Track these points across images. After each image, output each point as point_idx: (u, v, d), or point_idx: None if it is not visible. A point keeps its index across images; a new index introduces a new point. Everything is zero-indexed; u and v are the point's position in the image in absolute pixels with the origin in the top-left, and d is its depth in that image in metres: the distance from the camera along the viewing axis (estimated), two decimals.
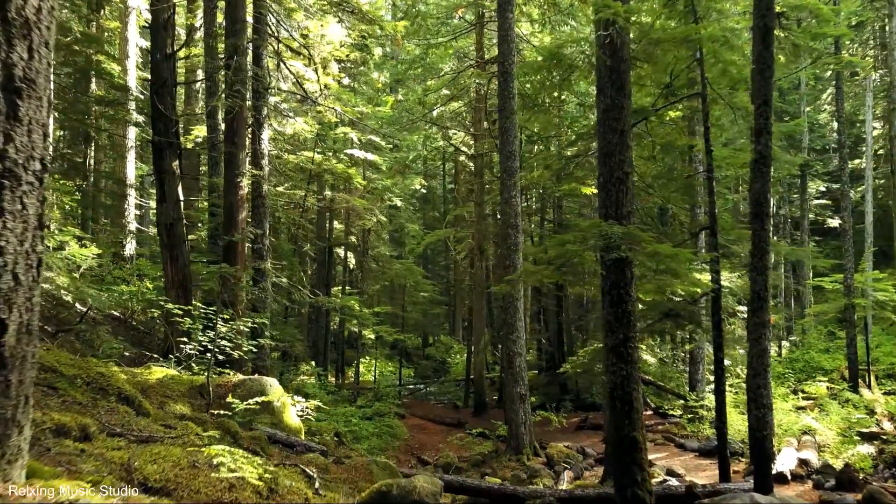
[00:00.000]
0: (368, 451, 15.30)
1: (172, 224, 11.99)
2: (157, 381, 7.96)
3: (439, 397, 27.81)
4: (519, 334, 14.03)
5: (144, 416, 5.51)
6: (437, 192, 44.79)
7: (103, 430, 3.89)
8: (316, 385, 17.25)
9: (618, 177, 6.82)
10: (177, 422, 5.29)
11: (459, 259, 28.38)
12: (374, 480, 6.85)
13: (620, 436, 6.54)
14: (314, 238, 24.70)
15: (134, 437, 3.97)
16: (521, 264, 14.22)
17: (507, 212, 14.19)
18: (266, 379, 8.58)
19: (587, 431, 17.31)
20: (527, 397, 14.05)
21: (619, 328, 6.68)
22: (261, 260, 12.87)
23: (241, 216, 12.42)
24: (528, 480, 12.41)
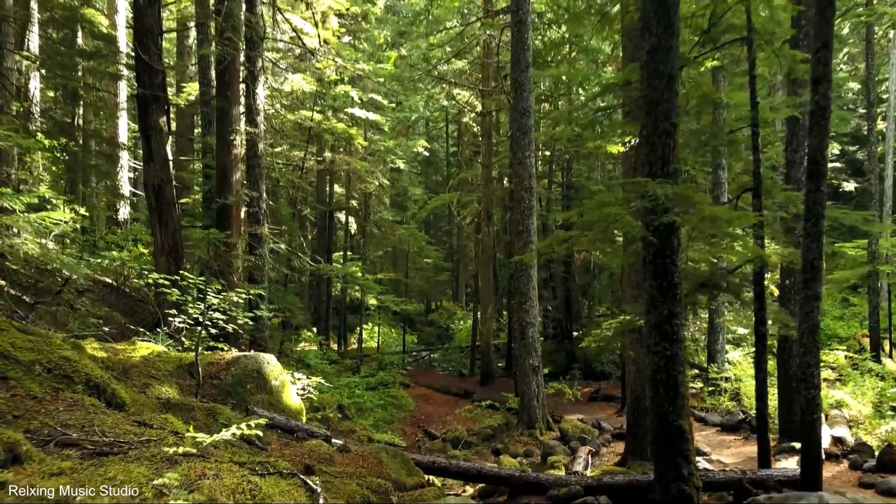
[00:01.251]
0: (373, 425, 14.67)
1: (161, 185, 11.10)
2: (142, 359, 7.17)
3: (443, 365, 27.24)
4: (532, 303, 13.24)
5: (118, 408, 4.70)
6: (439, 155, 43.68)
7: (49, 442, 3.08)
8: (318, 355, 16.56)
9: (664, 129, 5.90)
10: (156, 416, 4.49)
11: (465, 224, 27.47)
12: (384, 472, 6.10)
13: (664, 424, 5.77)
14: (314, 202, 23.77)
15: (90, 449, 3.16)
16: (534, 230, 13.36)
17: (520, 173, 13.26)
18: (263, 355, 7.79)
19: (600, 403, 16.66)
20: (539, 369, 13.33)
21: (663, 303, 5.85)
22: (257, 225, 12.00)
23: (236, 177, 11.51)
24: (542, 459, 11.77)
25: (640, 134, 6.11)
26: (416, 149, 28.52)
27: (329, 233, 24.79)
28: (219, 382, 7.24)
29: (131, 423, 4.04)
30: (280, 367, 7.93)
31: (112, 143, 20.77)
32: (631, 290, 10.39)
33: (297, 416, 7.80)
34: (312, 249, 25.17)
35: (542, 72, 18.17)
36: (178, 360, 7.40)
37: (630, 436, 10.45)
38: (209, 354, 7.66)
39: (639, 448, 10.22)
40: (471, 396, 18.26)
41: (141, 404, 5.56)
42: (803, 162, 11.07)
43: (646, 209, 5.64)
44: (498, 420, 14.43)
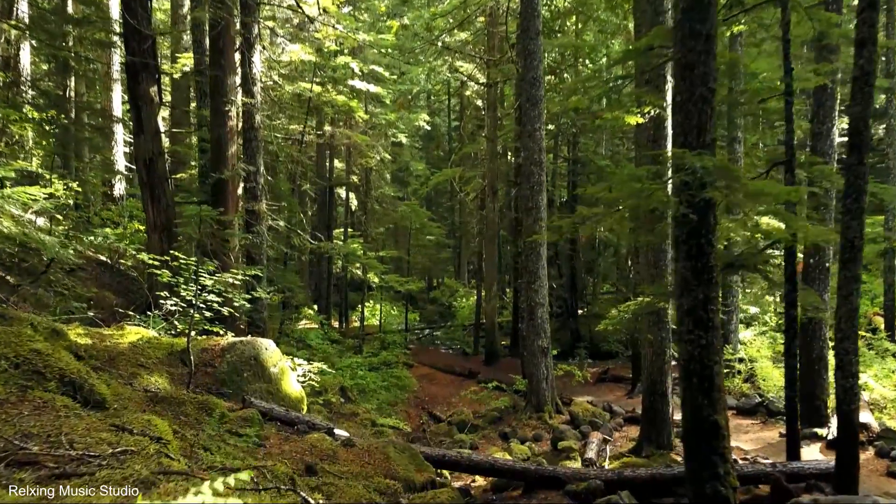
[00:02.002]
0: (377, 408, 14.26)
1: (152, 159, 10.52)
2: (130, 345, 6.68)
3: (446, 343, 26.84)
4: (541, 283, 12.74)
5: (96, 407, 4.21)
6: (441, 129, 42.89)
7: (2, 460, 2.58)
8: (319, 334, 16.11)
9: (701, 94, 5.32)
10: (138, 416, 3.99)
11: (468, 200, 26.86)
12: (392, 469, 5.63)
13: (698, 419, 5.28)
14: (314, 177, 23.16)
15: (51, 468, 2.66)
16: (544, 206, 12.80)
17: (529, 147, 12.66)
18: (260, 341, 7.30)
19: (609, 384, 16.24)
20: (549, 351, 12.87)
21: (697, 286, 5.33)
22: (255, 201, 11.45)
23: (231, 151, 10.92)
24: (552, 445, 11.36)
25: (672, 101, 5.53)
26: (417, 122, 27.80)
27: (329, 209, 24.20)
28: (213, 370, 6.75)
29: (108, 427, 3.54)
30: (279, 352, 7.44)
31: (106, 115, 20.08)
32: (648, 269, 9.87)
33: (297, 404, 7.34)
34: (312, 226, 24.61)
35: (551, 41, 17.43)
36: (169, 346, 6.91)
37: (645, 421, 10.02)
38: (203, 340, 7.17)
39: (655, 434, 9.80)
40: (476, 377, 17.86)
41: (126, 398, 5.06)
42: (830, 135, 10.50)
43: (683, 183, 5.08)
44: (505, 402, 14.01)
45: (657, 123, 9.67)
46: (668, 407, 9.83)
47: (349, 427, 11.76)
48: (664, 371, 9.80)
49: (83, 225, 19.39)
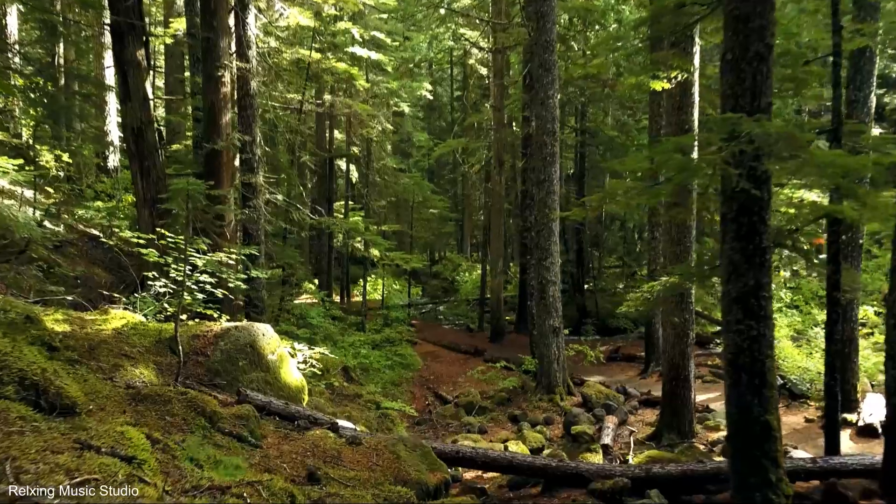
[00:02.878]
0: (381, 388, 13.76)
1: (141, 128, 9.84)
2: (114, 332, 6.09)
3: (450, 318, 26.35)
4: (553, 259, 12.13)
5: (64, 413, 3.63)
6: (443, 99, 41.93)
7: None
8: (320, 312, 15.56)
9: (756, 52, 4.65)
10: (111, 426, 3.40)
11: (473, 172, 26.12)
12: (402, 471, 5.08)
13: (747, 419, 4.71)
14: (314, 148, 22.40)
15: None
16: (557, 178, 12.14)
17: (541, 115, 11.94)
18: (257, 326, 6.71)
19: (620, 363, 15.73)
20: (560, 330, 12.32)
21: (748, 270, 4.72)
22: (251, 173, 10.78)
23: (225, 119, 10.22)
24: (564, 429, 10.86)
25: (722, 60, 4.85)
26: (420, 92, 26.92)
27: (330, 181, 23.48)
28: (205, 360, 6.18)
29: (71, 445, 2.95)
30: (277, 338, 6.86)
31: (97, 84, 19.25)
32: (670, 246, 9.25)
33: (297, 394, 6.78)
34: (312, 199, 23.93)
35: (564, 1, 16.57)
36: (157, 332, 6.32)
37: (666, 407, 9.50)
38: (194, 326, 6.58)
39: (676, 421, 9.29)
40: (482, 354, 17.36)
41: (103, 397, 4.49)
42: (867, 102, 9.79)
43: (740, 153, 4.43)
44: (513, 382, 13.50)
45: (683, 89, 8.97)
46: (689, 392, 9.30)
47: (352, 411, 11.27)
48: (686, 355, 9.24)
49: (75, 198, 18.76)
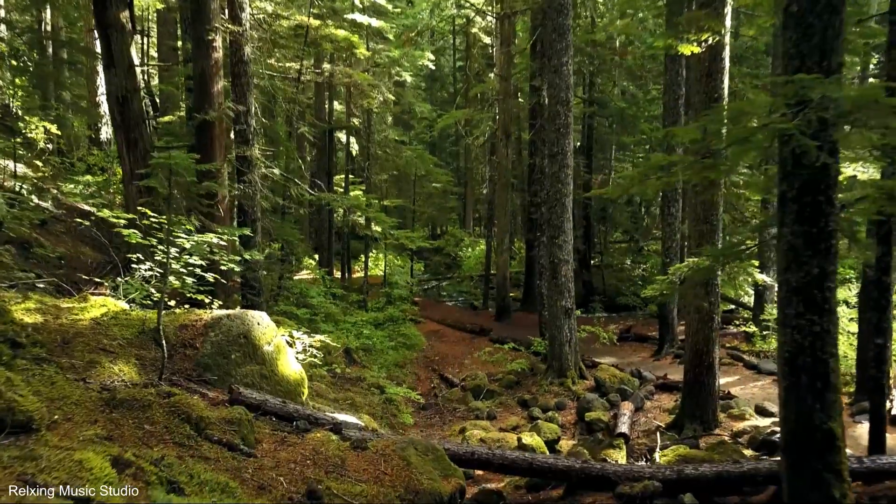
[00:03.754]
0: (384, 369, 13.26)
1: (126, 97, 9.16)
2: (93, 322, 5.50)
3: (453, 295, 25.82)
4: (566, 237, 11.52)
5: (16, 433, 3.05)
6: (444, 70, 40.94)
7: None
8: (321, 290, 14.99)
9: (828, 3, 3.99)
10: (67, 455, 2.82)
11: (477, 145, 25.36)
12: (414, 480, 4.53)
13: (807, 426, 4.15)
14: (313, 120, 21.61)
15: None
16: (571, 151, 11.46)
17: (555, 83, 11.22)
18: (252, 314, 6.12)
19: (632, 344, 15.18)
20: (572, 312, 11.76)
21: (811, 258, 4.11)
22: (246, 146, 10.11)
23: (217, 87, 9.52)
24: (577, 416, 10.36)
25: (785, 13, 4.16)
26: (422, 61, 26.03)
27: (329, 154, 22.75)
28: (194, 353, 5.59)
29: (12, 480, 2.37)
30: (273, 327, 6.27)
31: (86, 52, 18.43)
32: (696, 224, 8.62)
33: (296, 389, 6.22)
34: (311, 172, 23.23)
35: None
36: (140, 322, 5.73)
37: (688, 395, 8.95)
38: (182, 314, 5.99)
39: (698, 410, 8.75)
40: (487, 333, 16.84)
41: (72, 404, 3.91)
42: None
43: (801, 122, 3.78)
44: (522, 364, 12.99)
45: (713, 54, 8.26)
46: (713, 380, 8.75)
47: (355, 396, 10.75)
48: (711, 340, 8.67)
49: (64, 171, 18.07)
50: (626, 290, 21.63)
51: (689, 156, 4.58)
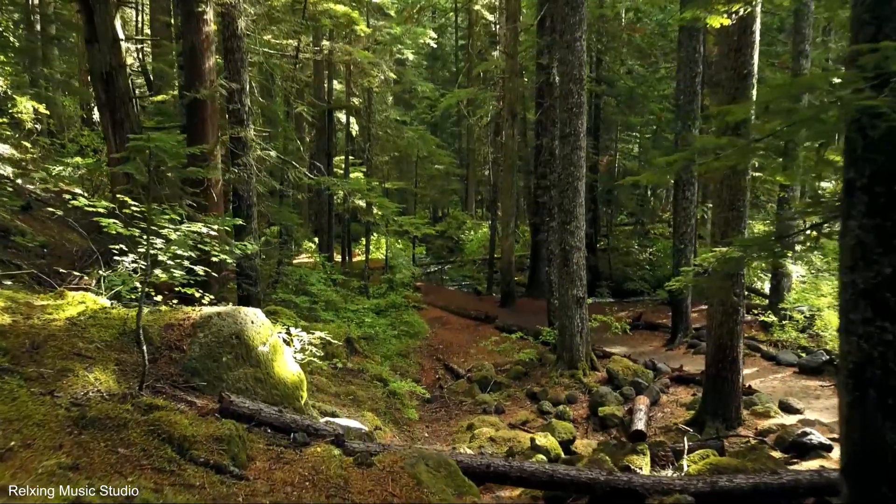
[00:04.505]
0: (387, 358, 12.79)
1: (110, 73, 8.56)
2: (68, 323, 4.97)
3: (455, 279, 25.33)
4: (579, 223, 10.97)
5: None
6: (446, 48, 40.09)
7: None
8: (321, 277, 14.47)
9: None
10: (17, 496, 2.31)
11: (481, 125, 24.68)
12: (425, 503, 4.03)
13: (875, 447, 3.64)
14: (312, 99, 20.93)
15: None
16: (584, 132, 10.86)
17: (567, 60, 10.59)
18: (245, 311, 5.59)
19: (643, 332, 14.68)
20: (584, 301, 11.24)
21: (883, 255, 3.57)
22: (240, 126, 9.52)
23: (208, 64, 8.91)
24: (590, 410, 9.89)
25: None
26: (423, 39, 25.28)
27: (329, 135, 22.07)
28: (180, 356, 5.07)
29: None
30: (269, 325, 5.75)
31: (78, 29, 17.71)
32: (721, 211, 8.06)
33: (294, 392, 5.71)
34: (311, 153, 22.61)
35: None
36: (122, 322, 5.21)
37: (709, 391, 8.46)
38: (168, 312, 5.46)
39: (721, 406, 8.27)
40: (493, 321, 16.36)
41: (35, 425, 3.40)
42: None
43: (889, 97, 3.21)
44: (530, 354, 12.49)
45: (743, 27, 7.66)
46: (737, 376, 8.25)
47: (357, 389, 10.27)
48: (736, 334, 8.15)
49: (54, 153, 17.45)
50: (633, 275, 21.13)
51: (725, 137, 4.02)
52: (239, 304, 9.82)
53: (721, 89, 7.99)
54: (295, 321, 10.88)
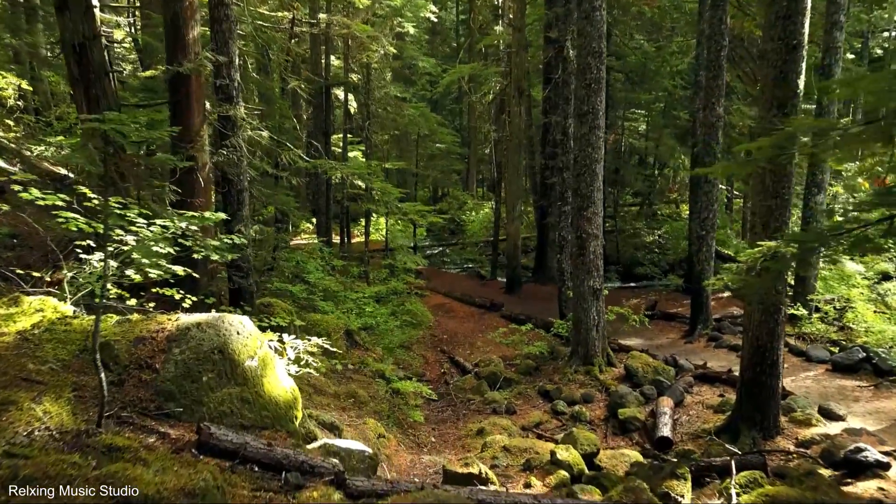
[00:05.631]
0: (390, 352, 12.07)
1: (83, 44, 7.68)
2: (18, 337, 4.21)
3: (457, 262, 24.57)
4: (596, 209, 10.18)
5: None
6: (446, 23, 38.94)
7: None
8: (318, 264, 13.67)
9: None
10: None
11: (485, 102, 23.73)
12: None
13: None
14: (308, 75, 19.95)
15: None
16: (602, 110, 10.02)
17: (586, 31, 9.71)
18: (230, 320, 4.81)
19: (658, 322, 13.92)
20: (601, 292, 10.50)
21: None
22: (228, 103, 8.66)
23: (192, 34, 8.02)
24: (608, 411, 9.19)
25: None
26: (424, 12, 24.20)
27: (326, 112, 21.12)
28: (153, 377, 4.30)
29: None
30: (258, 334, 4.97)
31: None
32: (763, 198, 7.25)
33: (287, 413, 4.95)
34: (308, 132, 21.70)
35: None
36: (84, 335, 4.43)
37: (745, 396, 7.74)
38: (139, 322, 4.67)
39: (759, 415, 7.56)
40: (499, 309, 15.64)
41: None
42: None
43: None
44: (541, 347, 11.79)
45: None
46: (776, 381, 7.52)
47: (358, 388, 9.53)
48: (776, 335, 7.41)
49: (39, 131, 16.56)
50: (643, 259, 20.36)
51: (824, 119, 3.26)
52: (230, 298, 9.08)
53: (765, 62, 7.14)
54: (291, 316, 10.13)
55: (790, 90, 6.96)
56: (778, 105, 6.99)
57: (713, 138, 11.66)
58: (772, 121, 6.83)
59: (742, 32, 15.02)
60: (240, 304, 8.46)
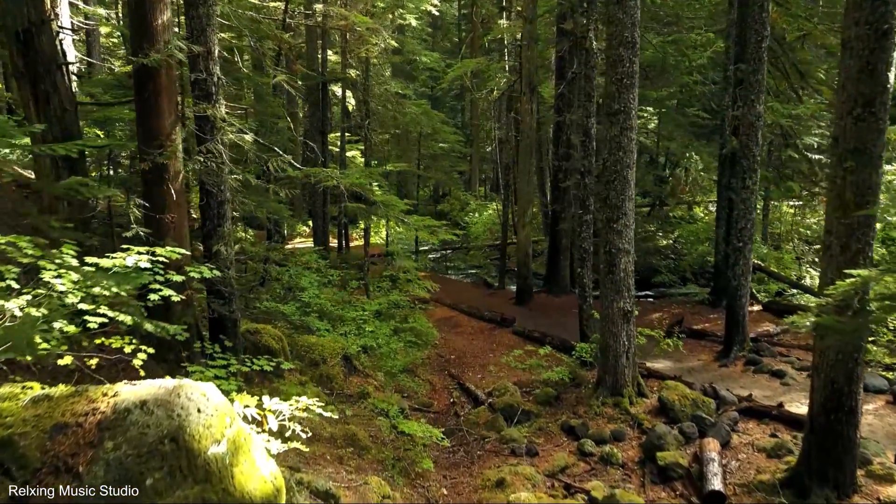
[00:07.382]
0: (392, 378, 10.88)
1: (29, 32, 6.49)
2: None
3: (461, 268, 23.39)
4: (627, 221, 8.99)
5: None
6: (447, 17, 37.77)
7: None
8: (313, 280, 12.44)
9: None
10: None
11: (490, 100, 22.52)
12: None
13: None
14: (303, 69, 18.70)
15: None
16: (635, 108, 8.82)
17: (618, 19, 8.50)
18: (187, 391, 3.59)
19: (687, 341, 12.58)
20: (632, 315, 9.31)
21: None
22: (206, 101, 7.45)
23: (160, 20, 6.78)
24: (644, 453, 8.00)
25: None
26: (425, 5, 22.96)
27: (324, 110, 19.89)
28: (75, 486, 3.09)
29: None
30: (227, 407, 3.76)
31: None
32: (844, 216, 6.04)
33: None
34: (304, 130, 20.49)
35: None
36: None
37: (816, 447, 6.56)
38: (62, 400, 3.45)
39: (832, 469, 6.39)
40: (510, 324, 14.45)
41: None
42: None
43: None
44: (561, 373, 10.59)
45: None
46: (855, 430, 6.36)
47: (357, 428, 8.26)
48: (854, 377, 6.24)
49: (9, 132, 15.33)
50: (659, 265, 19.14)
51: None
52: (210, 329, 7.87)
53: (846, 52, 5.95)
54: (281, 343, 8.94)
55: (878, 85, 5.79)
56: (863, 103, 5.82)
57: (753, 139, 10.45)
58: (859, 120, 5.67)
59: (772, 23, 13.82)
60: (220, 339, 7.25)
